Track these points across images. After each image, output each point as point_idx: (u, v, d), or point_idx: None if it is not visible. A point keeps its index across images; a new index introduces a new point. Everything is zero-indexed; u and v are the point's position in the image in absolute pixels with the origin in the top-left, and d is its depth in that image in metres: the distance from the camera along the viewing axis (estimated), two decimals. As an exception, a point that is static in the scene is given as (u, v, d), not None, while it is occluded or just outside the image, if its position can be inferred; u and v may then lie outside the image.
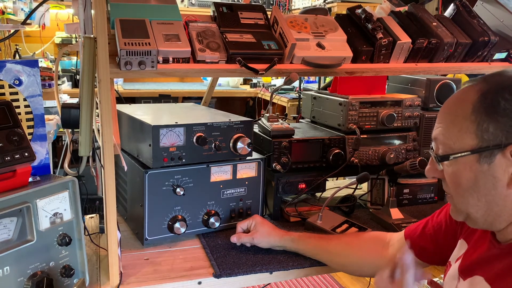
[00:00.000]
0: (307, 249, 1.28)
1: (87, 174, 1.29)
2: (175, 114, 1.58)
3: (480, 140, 0.83)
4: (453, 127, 0.87)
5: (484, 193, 0.86)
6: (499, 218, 0.87)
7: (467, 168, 0.86)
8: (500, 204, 0.85)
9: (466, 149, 0.85)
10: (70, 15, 4.75)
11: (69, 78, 4.45)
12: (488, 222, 0.89)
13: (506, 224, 0.87)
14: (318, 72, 1.38)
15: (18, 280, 0.99)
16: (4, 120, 1.00)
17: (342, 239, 1.29)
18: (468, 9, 1.59)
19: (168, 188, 1.32)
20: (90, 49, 1.10)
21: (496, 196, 0.84)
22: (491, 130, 0.82)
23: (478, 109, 0.84)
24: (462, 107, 0.86)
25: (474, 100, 0.85)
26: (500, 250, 0.89)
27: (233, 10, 1.37)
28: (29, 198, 0.99)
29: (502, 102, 0.81)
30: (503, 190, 0.83)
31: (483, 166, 0.84)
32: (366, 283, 3.11)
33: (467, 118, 0.85)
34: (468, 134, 0.85)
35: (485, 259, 0.91)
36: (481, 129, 0.83)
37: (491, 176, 0.84)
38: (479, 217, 0.89)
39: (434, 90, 1.75)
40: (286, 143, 1.52)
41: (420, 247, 1.14)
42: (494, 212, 0.86)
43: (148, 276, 1.18)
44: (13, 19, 3.61)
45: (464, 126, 0.85)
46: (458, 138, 0.86)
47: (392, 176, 1.58)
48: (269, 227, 1.33)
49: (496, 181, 0.83)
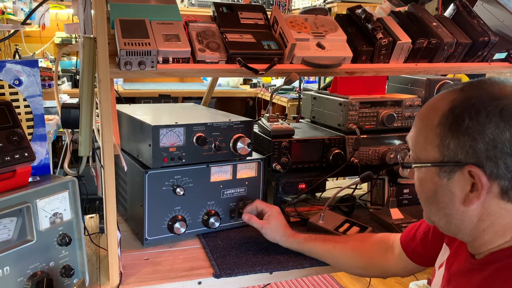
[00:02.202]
0: (313, 253, 1.28)
1: (87, 174, 1.29)
2: (175, 114, 1.58)
3: (441, 154, 0.82)
4: (420, 136, 0.87)
5: (442, 205, 0.85)
6: (460, 231, 0.87)
7: (428, 179, 0.86)
8: (458, 219, 0.85)
9: (429, 161, 0.85)
10: (70, 15, 4.75)
11: (69, 78, 4.45)
12: (452, 232, 0.89)
13: (470, 238, 0.87)
14: (318, 72, 1.38)
15: (18, 280, 0.99)
16: (4, 120, 1.00)
17: (347, 243, 1.27)
18: (468, 9, 1.59)
19: (168, 188, 1.32)
20: (90, 49, 1.10)
21: (454, 210, 0.84)
22: (452, 147, 0.80)
23: (443, 123, 0.82)
24: (431, 116, 0.85)
25: (443, 112, 0.82)
26: (472, 265, 0.88)
27: (233, 10, 1.37)
28: (29, 198, 0.99)
29: (466, 120, 0.78)
30: (460, 206, 0.83)
31: (443, 180, 0.83)
32: (366, 283, 3.11)
33: (433, 130, 0.83)
34: (431, 147, 0.84)
35: (460, 272, 0.91)
36: (443, 144, 0.82)
37: (449, 191, 0.83)
38: (442, 226, 0.89)
39: (434, 90, 1.75)
40: (286, 143, 1.52)
41: (413, 250, 1.15)
42: (454, 224, 0.86)
43: (148, 276, 1.18)
44: (13, 19, 3.61)
45: (429, 137, 0.84)
46: (423, 148, 0.86)
47: (392, 176, 1.58)
48: (281, 224, 1.32)
49: (453, 196, 0.83)
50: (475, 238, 0.86)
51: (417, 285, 2.65)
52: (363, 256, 1.24)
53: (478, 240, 0.86)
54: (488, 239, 0.84)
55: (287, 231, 1.31)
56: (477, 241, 0.86)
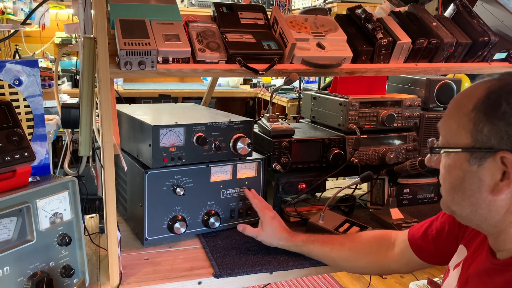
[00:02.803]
0: (311, 255, 1.28)
1: (87, 174, 1.29)
2: (175, 114, 1.58)
3: (473, 140, 0.81)
4: (453, 121, 0.85)
5: (468, 194, 0.83)
6: (485, 222, 0.84)
7: (457, 165, 0.84)
8: (484, 208, 0.83)
9: (459, 146, 0.83)
10: (70, 15, 4.74)
11: (69, 78, 4.45)
12: (475, 223, 0.87)
13: (494, 230, 0.85)
14: (318, 72, 1.38)
15: (18, 280, 0.99)
16: (4, 120, 1.00)
17: (345, 245, 1.26)
18: (468, 9, 1.59)
19: (168, 188, 1.32)
20: (90, 49, 1.10)
21: (480, 199, 0.82)
22: (485, 132, 0.79)
23: (479, 108, 0.81)
24: (466, 102, 0.84)
25: (479, 98, 0.82)
26: (494, 266, 0.86)
27: (233, 10, 1.37)
28: (29, 198, 0.99)
29: (503, 105, 0.78)
30: (488, 194, 0.81)
31: (472, 167, 0.81)
32: (366, 283, 3.11)
33: (467, 115, 0.82)
34: (464, 132, 0.82)
35: (480, 273, 0.89)
36: (476, 129, 0.80)
37: (478, 179, 0.81)
38: (464, 216, 0.87)
39: (434, 90, 1.75)
40: (286, 143, 1.52)
41: (422, 248, 1.13)
42: (478, 214, 0.84)
43: (148, 276, 1.18)
44: (13, 19, 3.60)
45: (462, 122, 0.83)
46: (455, 133, 0.84)
47: (392, 176, 1.58)
48: (275, 228, 1.30)
49: (482, 184, 0.81)
50: (500, 232, 0.84)
51: (417, 285, 2.64)
52: (361, 256, 1.24)
53: (503, 234, 0.84)
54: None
55: (283, 235, 1.29)
56: (502, 235, 0.84)
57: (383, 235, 1.26)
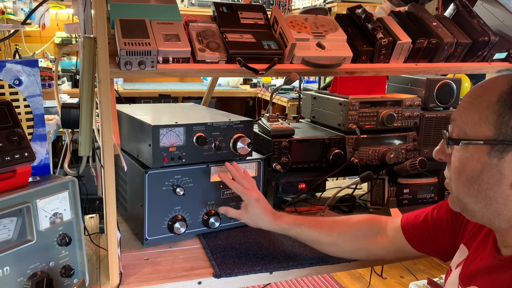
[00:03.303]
0: (298, 238, 1.26)
1: (87, 174, 1.29)
2: (175, 114, 1.58)
3: (497, 132, 0.80)
4: (474, 113, 0.84)
5: (485, 187, 0.82)
6: (498, 216, 0.84)
7: (475, 157, 0.82)
8: (500, 202, 0.82)
9: (480, 138, 0.82)
10: (70, 15, 4.75)
11: (69, 78, 4.45)
12: (486, 217, 0.86)
13: (507, 225, 0.84)
14: (318, 72, 1.38)
15: (18, 280, 0.99)
16: (4, 120, 1.00)
17: (334, 228, 1.23)
18: (468, 9, 1.59)
19: (168, 188, 1.32)
20: (90, 49, 1.10)
21: (498, 193, 0.81)
22: (511, 125, 0.79)
23: (504, 101, 0.80)
24: (488, 94, 0.83)
25: (503, 90, 0.81)
26: (499, 262, 0.86)
27: (233, 10, 1.37)
28: (29, 198, 0.99)
29: None
30: (506, 188, 0.80)
31: (493, 160, 0.80)
32: (366, 283, 3.11)
33: (490, 107, 0.81)
34: (486, 124, 0.81)
35: (484, 270, 0.89)
36: (501, 122, 0.79)
37: (498, 172, 0.80)
38: (476, 210, 0.86)
39: (434, 90, 1.75)
40: (286, 143, 1.52)
41: (417, 238, 1.13)
42: (493, 208, 0.83)
43: (148, 276, 1.18)
44: (13, 19, 3.60)
45: (485, 114, 0.82)
46: (475, 124, 0.83)
47: (392, 176, 1.58)
48: (260, 211, 1.27)
49: (502, 177, 0.80)
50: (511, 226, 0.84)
51: (417, 285, 2.65)
52: (350, 241, 1.22)
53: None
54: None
55: (268, 217, 1.27)
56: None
57: (372, 219, 1.24)
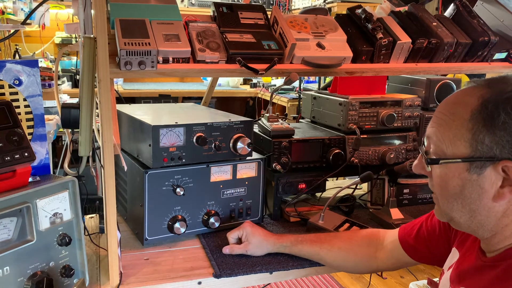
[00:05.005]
0: (301, 255, 1.28)
1: (87, 174, 1.29)
2: (175, 114, 1.58)
3: (473, 149, 0.81)
4: (448, 130, 0.85)
5: (468, 201, 0.85)
6: (482, 227, 0.86)
7: (456, 174, 0.84)
8: (483, 215, 0.84)
9: (458, 156, 0.83)
10: (70, 15, 4.75)
11: (69, 78, 4.45)
12: (471, 229, 0.89)
13: (489, 234, 0.87)
14: (318, 72, 1.38)
15: (18, 280, 0.99)
16: (4, 120, 1.00)
17: (334, 244, 1.26)
18: (468, 9, 1.58)
19: (168, 188, 1.32)
20: (90, 49, 1.10)
21: (481, 206, 0.84)
22: (487, 142, 0.80)
23: (476, 118, 0.81)
24: (460, 111, 0.84)
25: (474, 107, 0.82)
26: (484, 263, 0.88)
27: (233, 10, 1.37)
28: (29, 198, 0.99)
29: (502, 115, 0.78)
30: (488, 202, 0.83)
31: (472, 176, 0.82)
32: (366, 283, 3.11)
33: (464, 125, 0.82)
34: (462, 142, 0.83)
35: (471, 271, 0.91)
36: (476, 139, 0.81)
37: (479, 187, 0.82)
38: (462, 222, 0.88)
39: (434, 90, 1.75)
40: (286, 143, 1.52)
41: (415, 248, 1.15)
42: (477, 220, 0.86)
43: (148, 276, 1.18)
44: (13, 19, 3.61)
45: (460, 132, 0.83)
46: (451, 143, 0.84)
47: (392, 176, 1.58)
48: (260, 236, 1.29)
49: (483, 192, 0.82)
50: (495, 234, 0.86)
51: (417, 285, 2.64)
52: (350, 255, 1.24)
53: (498, 236, 0.86)
54: (508, 234, 0.84)
55: (270, 240, 1.29)
56: (497, 237, 0.86)
57: (372, 235, 1.27)
